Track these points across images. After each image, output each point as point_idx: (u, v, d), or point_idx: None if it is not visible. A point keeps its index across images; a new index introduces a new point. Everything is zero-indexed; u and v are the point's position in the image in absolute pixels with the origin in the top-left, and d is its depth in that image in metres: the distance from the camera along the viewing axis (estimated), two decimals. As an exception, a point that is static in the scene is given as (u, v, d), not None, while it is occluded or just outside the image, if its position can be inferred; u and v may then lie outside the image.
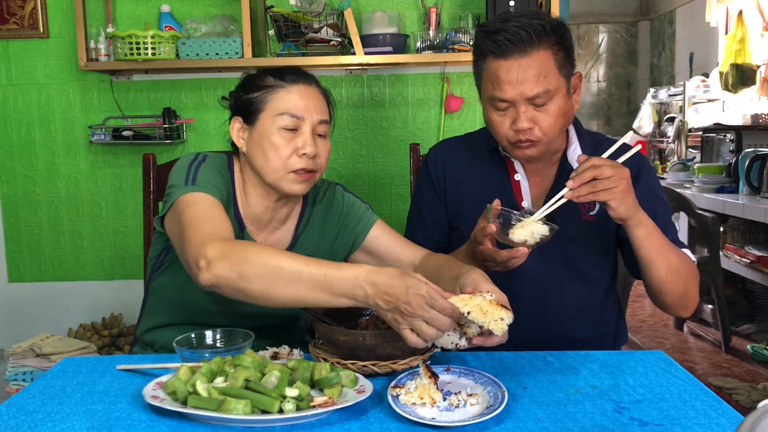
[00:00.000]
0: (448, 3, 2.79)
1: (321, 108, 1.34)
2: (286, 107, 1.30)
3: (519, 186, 1.41)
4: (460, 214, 1.46)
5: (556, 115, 1.29)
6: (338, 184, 1.51)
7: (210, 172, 1.30)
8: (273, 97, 1.31)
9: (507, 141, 1.33)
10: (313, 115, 1.31)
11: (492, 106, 1.31)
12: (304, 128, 1.30)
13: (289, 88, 1.32)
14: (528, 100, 1.26)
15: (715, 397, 1.01)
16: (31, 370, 2.39)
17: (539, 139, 1.29)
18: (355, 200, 1.48)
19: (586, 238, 1.39)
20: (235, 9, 2.66)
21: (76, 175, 2.88)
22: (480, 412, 0.93)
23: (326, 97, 1.38)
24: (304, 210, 1.45)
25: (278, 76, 1.33)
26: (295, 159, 1.29)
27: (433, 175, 1.49)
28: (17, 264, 2.90)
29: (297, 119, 1.30)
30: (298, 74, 1.35)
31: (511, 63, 1.26)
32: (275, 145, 1.29)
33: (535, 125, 1.28)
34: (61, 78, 2.84)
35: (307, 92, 1.33)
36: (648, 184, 1.39)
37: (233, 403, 0.90)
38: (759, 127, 3.87)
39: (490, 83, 1.30)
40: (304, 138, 1.30)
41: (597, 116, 6.72)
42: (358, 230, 1.44)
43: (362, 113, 2.86)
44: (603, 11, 6.60)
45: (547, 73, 1.26)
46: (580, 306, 1.40)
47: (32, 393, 1.07)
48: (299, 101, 1.31)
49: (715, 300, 3.44)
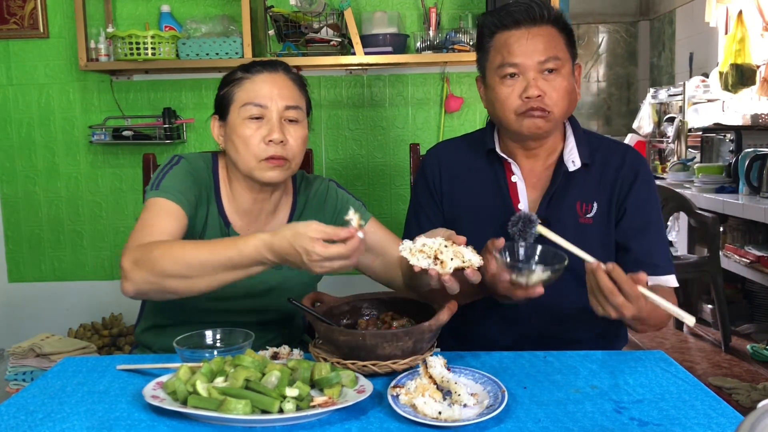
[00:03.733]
0: (448, 3, 2.79)
1: (288, 94, 1.34)
2: (249, 97, 1.31)
3: (516, 188, 1.40)
4: (457, 217, 1.45)
5: (565, 90, 1.30)
6: (332, 180, 1.51)
7: (177, 175, 1.31)
8: (239, 89, 1.33)
9: (515, 113, 1.32)
10: (278, 101, 1.32)
11: (500, 78, 1.32)
12: (270, 115, 1.31)
13: (254, 78, 1.33)
14: (540, 64, 1.28)
15: (714, 397, 1.01)
16: (31, 370, 2.39)
17: (550, 109, 1.29)
18: (350, 197, 1.49)
19: (583, 240, 1.37)
20: (235, 9, 2.66)
21: (76, 175, 2.88)
22: (480, 412, 0.94)
23: (298, 82, 1.38)
24: (296, 203, 1.45)
25: (246, 68, 1.35)
26: (263, 147, 1.30)
27: (429, 178, 1.49)
28: (17, 264, 2.90)
29: (261, 107, 1.31)
30: (265, 64, 1.36)
31: (522, 32, 1.30)
32: (243, 135, 1.30)
33: (544, 95, 1.29)
34: (61, 78, 2.84)
35: (272, 79, 1.34)
36: (643, 196, 1.37)
37: (233, 403, 0.90)
38: (759, 127, 3.87)
39: (499, 54, 1.32)
40: (270, 125, 1.30)
41: (597, 116, 6.72)
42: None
43: (362, 113, 2.86)
44: (603, 11, 6.60)
45: (556, 44, 1.30)
46: (579, 307, 1.38)
47: (32, 393, 1.07)
48: (262, 89, 1.32)
49: (715, 300, 3.44)
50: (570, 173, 1.37)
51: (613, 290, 1.09)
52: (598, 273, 1.10)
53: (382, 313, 1.26)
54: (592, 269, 1.12)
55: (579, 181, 1.38)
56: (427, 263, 1.07)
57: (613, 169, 1.39)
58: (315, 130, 2.85)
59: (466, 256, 1.09)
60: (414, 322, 1.20)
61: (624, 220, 1.37)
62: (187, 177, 1.32)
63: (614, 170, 1.38)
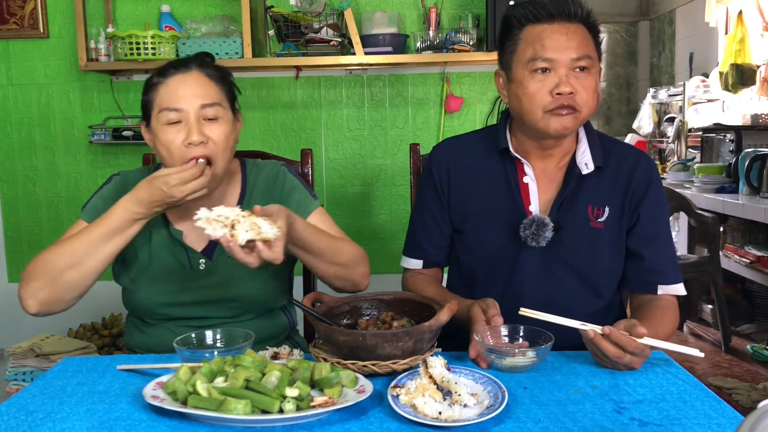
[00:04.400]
0: (448, 3, 2.79)
1: (203, 92, 1.31)
2: (164, 102, 1.30)
3: (527, 189, 1.37)
4: (466, 218, 1.43)
5: (594, 89, 1.29)
6: (285, 165, 1.48)
7: (103, 196, 1.38)
8: (156, 95, 1.32)
9: (543, 109, 1.28)
10: (193, 102, 1.29)
11: (529, 72, 1.28)
12: (187, 117, 1.29)
13: (167, 82, 1.31)
14: (573, 61, 1.26)
15: (715, 397, 1.01)
16: (31, 370, 2.39)
17: (579, 108, 1.28)
18: (298, 184, 1.45)
19: (593, 245, 1.36)
20: (235, 9, 2.66)
21: (76, 175, 2.88)
22: (480, 412, 0.93)
23: (215, 77, 1.34)
24: (245, 189, 1.43)
25: (160, 72, 1.33)
26: (184, 150, 1.28)
27: (435, 177, 1.45)
28: (17, 264, 2.90)
29: (177, 111, 1.29)
30: (178, 65, 1.33)
31: (556, 26, 1.28)
32: (165, 141, 1.29)
33: (576, 93, 1.27)
34: (61, 78, 2.84)
35: (184, 80, 1.31)
36: (657, 203, 1.37)
37: (233, 403, 0.90)
38: (759, 127, 3.87)
39: (530, 47, 1.29)
40: (187, 128, 1.28)
41: (597, 116, 6.72)
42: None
43: (362, 113, 2.86)
44: (603, 11, 6.60)
45: (588, 43, 1.29)
46: (585, 311, 1.34)
47: (32, 393, 1.07)
48: (176, 92, 1.30)
49: (715, 300, 3.44)
50: (582, 176, 1.35)
51: (618, 353, 1.09)
52: (598, 341, 1.10)
53: (382, 313, 1.25)
54: (591, 339, 1.11)
55: (591, 184, 1.36)
56: (222, 233, 1.07)
57: (627, 173, 1.37)
58: (315, 130, 2.85)
59: (262, 228, 1.08)
60: (414, 322, 1.20)
61: (637, 227, 1.36)
62: (114, 195, 1.35)
63: (628, 175, 1.37)
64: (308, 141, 2.86)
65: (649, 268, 1.37)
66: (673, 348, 1.13)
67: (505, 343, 1.17)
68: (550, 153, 1.38)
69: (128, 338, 1.45)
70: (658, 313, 1.32)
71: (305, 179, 1.76)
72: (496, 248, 1.39)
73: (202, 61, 1.35)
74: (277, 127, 2.85)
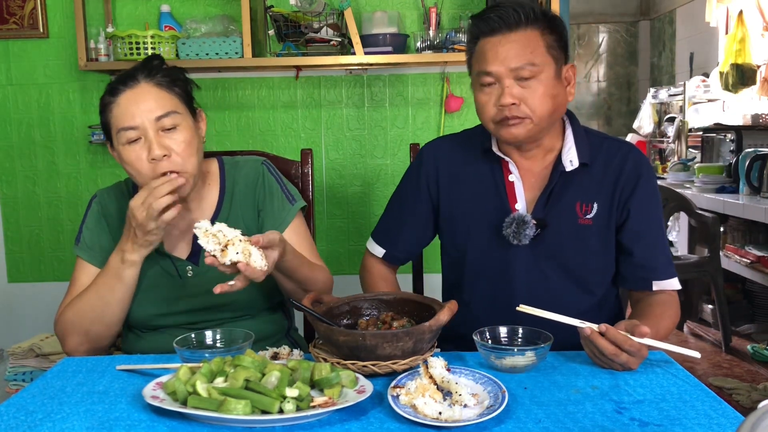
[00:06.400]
0: (448, 3, 2.78)
1: (155, 105, 1.27)
2: (119, 122, 1.27)
3: (513, 187, 1.39)
4: (454, 216, 1.44)
5: (543, 94, 1.28)
6: (266, 162, 1.46)
7: (90, 227, 1.41)
8: (110, 116, 1.29)
9: (492, 122, 1.32)
10: (146, 116, 1.26)
11: (479, 86, 1.32)
12: (145, 133, 1.26)
13: (117, 100, 1.28)
14: (512, 71, 1.27)
15: (715, 397, 1.01)
16: (31, 370, 2.39)
17: (527, 115, 1.28)
18: (277, 188, 1.43)
19: (582, 241, 1.36)
20: (235, 9, 2.66)
21: (76, 175, 2.88)
22: (480, 412, 0.93)
23: (166, 84, 1.30)
24: (224, 188, 1.42)
25: (110, 91, 1.29)
26: (151, 167, 1.26)
27: (424, 173, 1.47)
28: (17, 264, 2.90)
29: (134, 129, 1.26)
30: (125, 80, 1.29)
31: (498, 38, 1.28)
32: (129, 161, 1.27)
33: (521, 102, 1.27)
34: (61, 78, 2.83)
35: (134, 96, 1.27)
36: (647, 197, 1.36)
37: (233, 403, 0.90)
38: (759, 127, 3.87)
39: (477, 62, 1.32)
40: (148, 144, 1.26)
41: (597, 116, 6.72)
42: (267, 228, 1.38)
43: (362, 113, 2.86)
44: (603, 11, 6.60)
45: (533, 49, 1.27)
46: (577, 308, 1.36)
47: (32, 393, 1.07)
48: (127, 111, 1.26)
49: (715, 300, 3.44)
50: (569, 173, 1.36)
51: (615, 351, 1.09)
52: (594, 337, 1.10)
53: (382, 314, 1.25)
54: (587, 336, 1.11)
55: (579, 180, 1.36)
56: (212, 248, 1.10)
57: (615, 168, 1.36)
58: (315, 129, 2.85)
59: (252, 257, 1.12)
60: (414, 323, 1.20)
61: (628, 223, 1.36)
62: (100, 225, 1.40)
63: (616, 170, 1.36)
64: (308, 141, 2.86)
65: (641, 265, 1.36)
66: (670, 349, 1.13)
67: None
68: (532, 153, 1.39)
69: (126, 346, 1.44)
70: (659, 309, 1.32)
71: (305, 179, 1.76)
72: (485, 247, 1.40)
73: (149, 71, 1.30)
74: (277, 127, 2.85)
